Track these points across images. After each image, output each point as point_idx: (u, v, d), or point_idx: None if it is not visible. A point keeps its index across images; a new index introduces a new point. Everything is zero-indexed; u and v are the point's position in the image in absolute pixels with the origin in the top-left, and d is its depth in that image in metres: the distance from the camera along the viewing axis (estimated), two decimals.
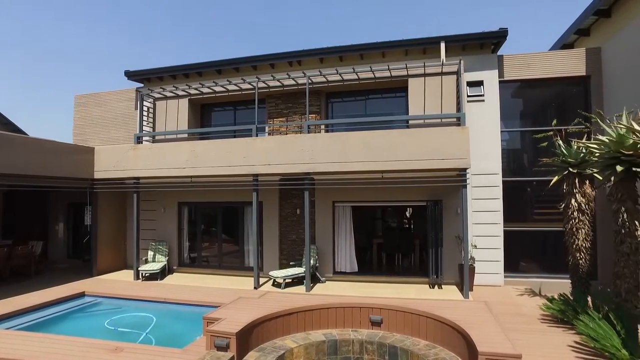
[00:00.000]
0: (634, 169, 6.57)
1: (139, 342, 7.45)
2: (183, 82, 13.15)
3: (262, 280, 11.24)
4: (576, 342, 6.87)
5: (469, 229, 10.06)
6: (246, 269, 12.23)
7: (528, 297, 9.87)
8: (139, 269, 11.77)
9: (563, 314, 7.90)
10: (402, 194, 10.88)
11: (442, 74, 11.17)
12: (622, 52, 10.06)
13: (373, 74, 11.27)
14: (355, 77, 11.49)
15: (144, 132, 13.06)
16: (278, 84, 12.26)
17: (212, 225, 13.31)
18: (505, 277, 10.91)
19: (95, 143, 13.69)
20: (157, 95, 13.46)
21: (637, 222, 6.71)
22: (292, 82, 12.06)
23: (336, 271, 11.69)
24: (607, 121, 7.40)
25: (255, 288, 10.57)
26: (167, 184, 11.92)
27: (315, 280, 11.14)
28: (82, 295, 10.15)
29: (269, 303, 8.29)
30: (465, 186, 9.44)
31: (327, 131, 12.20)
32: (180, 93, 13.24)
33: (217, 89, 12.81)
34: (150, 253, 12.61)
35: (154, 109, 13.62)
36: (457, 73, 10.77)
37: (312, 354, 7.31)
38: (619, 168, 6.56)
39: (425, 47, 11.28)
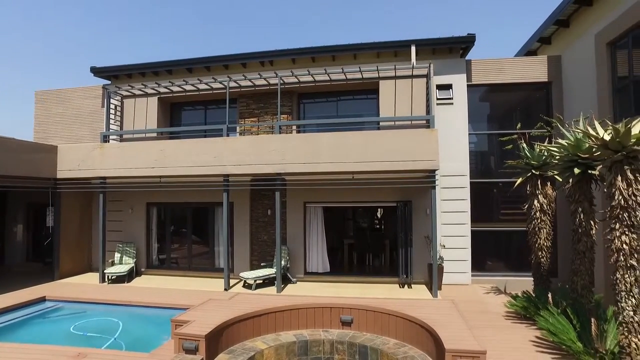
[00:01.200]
0: (589, 171, 6.87)
1: (104, 348, 7.22)
2: (152, 80, 12.84)
3: (232, 281, 11.12)
4: (537, 337, 7.15)
5: (437, 229, 10.26)
6: (216, 270, 12.07)
7: (494, 295, 10.16)
8: (105, 271, 11.42)
9: (526, 310, 8.19)
10: (372, 194, 11.00)
11: (412, 76, 11.37)
12: (579, 60, 10.53)
13: (345, 75, 11.35)
14: (327, 78, 11.55)
15: (111, 130, 12.68)
16: (250, 83, 12.17)
17: (182, 226, 13.08)
18: (472, 276, 11.20)
19: (58, 141, 13.18)
20: (125, 93, 13.11)
21: (592, 222, 7.01)
22: (263, 82, 11.99)
23: (307, 272, 11.70)
24: (566, 126, 7.71)
25: (225, 289, 10.45)
26: (135, 184, 11.62)
27: (286, 281, 11.11)
28: (42, 300, 9.73)
29: (239, 304, 8.19)
30: (434, 187, 9.63)
31: (298, 132, 12.21)
32: (150, 91, 12.94)
33: (188, 87, 12.60)
34: (117, 255, 12.26)
35: (122, 107, 13.26)
36: (427, 76, 10.99)
37: (282, 355, 7.28)
38: (576, 170, 6.83)
39: (396, 50, 11.45)
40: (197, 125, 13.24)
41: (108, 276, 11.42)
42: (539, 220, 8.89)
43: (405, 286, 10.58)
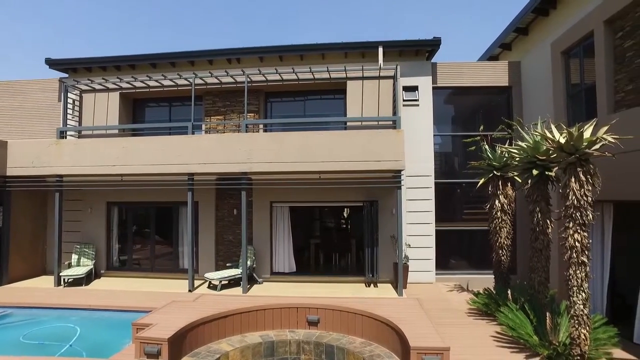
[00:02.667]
0: (546, 172, 7.15)
1: (58, 356, 6.88)
2: (114, 75, 12.37)
3: (197, 282, 10.89)
4: (497, 332, 7.40)
5: (403, 228, 10.41)
6: (181, 271, 11.78)
7: (457, 293, 10.42)
8: (61, 274, 10.89)
9: (487, 307, 8.45)
10: (339, 194, 11.04)
11: (379, 77, 11.50)
12: (536, 67, 10.96)
13: (312, 75, 11.34)
14: (295, 77, 11.50)
15: (68, 126, 12.13)
16: (216, 81, 11.96)
17: (145, 226, 12.68)
18: (436, 274, 11.43)
19: (9, 137, 12.45)
20: (84, 88, 12.56)
21: (548, 221, 7.30)
22: (230, 79, 11.81)
23: (274, 272, 11.61)
24: (526, 129, 8.00)
25: (189, 291, 10.21)
26: (94, 183, 11.16)
27: (252, 281, 10.98)
28: None
29: (204, 306, 8.05)
30: (399, 187, 9.77)
31: (265, 131, 12.09)
32: (111, 86, 12.45)
33: (152, 83, 12.21)
34: (75, 257, 11.73)
35: (81, 101, 12.70)
36: (394, 77, 11.13)
37: (248, 356, 7.20)
38: (534, 172, 7.09)
39: (364, 51, 11.55)
40: (162, 123, 12.87)
41: (64, 279, 10.90)
42: (499, 220, 9.17)
43: (371, 285, 10.68)
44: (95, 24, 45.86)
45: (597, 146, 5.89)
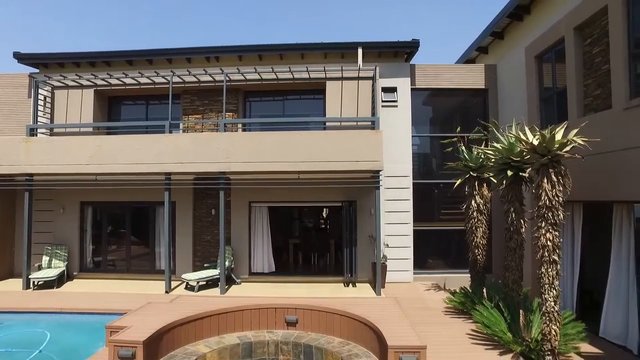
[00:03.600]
0: (520, 173, 7.34)
1: None
2: (88, 71, 12.03)
3: (174, 283, 10.72)
4: (473, 330, 7.54)
5: (381, 228, 10.50)
6: (157, 272, 11.58)
7: (434, 292, 10.56)
8: (30, 276, 10.53)
9: (463, 305, 8.58)
10: (318, 194, 11.05)
11: (358, 78, 11.57)
12: (511, 70, 11.22)
13: (292, 74, 11.32)
14: (274, 77, 11.45)
15: (39, 123, 11.75)
16: (194, 79, 11.80)
17: (120, 227, 12.42)
18: (414, 273, 11.57)
19: None
20: (56, 84, 12.19)
21: (522, 221, 7.51)
22: (209, 78, 11.66)
23: (252, 272, 11.54)
24: (501, 130, 8.19)
25: (166, 292, 10.06)
26: (67, 182, 10.84)
27: (230, 282, 10.89)
28: None
29: (181, 307, 7.95)
30: (378, 187, 9.85)
31: (244, 130, 12.02)
32: (85, 83, 12.11)
33: (128, 81, 11.95)
34: (46, 258, 11.36)
35: (52, 98, 12.32)
36: (373, 78, 11.22)
37: (226, 357, 7.15)
38: (509, 173, 7.27)
39: (343, 51, 11.59)
40: (138, 121, 12.62)
41: (33, 282, 10.54)
42: (475, 220, 9.34)
43: (350, 285, 10.73)
44: (77, 21, 44.66)
45: (567, 148, 6.07)
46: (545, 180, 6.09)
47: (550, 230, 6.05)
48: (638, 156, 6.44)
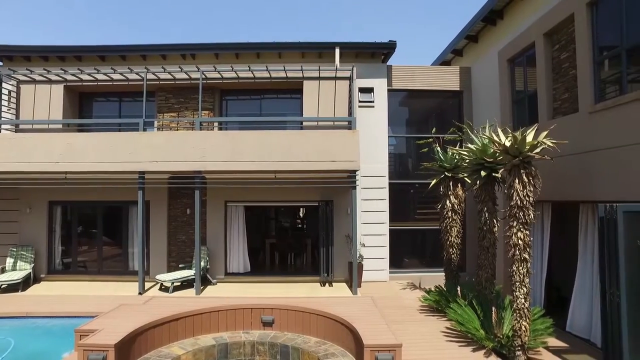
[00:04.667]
0: (493, 174, 7.53)
1: None
2: (57, 66, 11.62)
3: (148, 284, 10.50)
4: (447, 328, 7.68)
5: (357, 228, 10.56)
6: (130, 273, 11.31)
7: (410, 291, 10.71)
8: None
9: (438, 303, 8.72)
10: (295, 194, 11.04)
11: (336, 78, 11.60)
12: (485, 73, 11.49)
13: (269, 73, 11.27)
14: (251, 75, 11.38)
15: (3, 119, 11.28)
16: (169, 76, 11.57)
17: (92, 227, 12.05)
18: (390, 273, 11.69)
19: None
20: (22, 78, 11.71)
21: (495, 220, 7.71)
22: (184, 75, 11.46)
23: (228, 272, 11.43)
24: (475, 132, 8.38)
25: (139, 294, 9.85)
26: (34, 181, 10.44)
27: (205, 282, 10.75)
28: None
29: (155, 309, 7.77)
30: (354, 187, 9.91)
31: (220, 129, 11.89)
32: (54, 78, 11.69)
33: (100, 77, 11.61)
34: (10, 260, 10.90)
35: (18, 93, 11.83)
36: (350, 79, 11.28)
37: (201, 359, 7.04)
38: (482, 173, 7.44)
39: (321, 51, 11.62)
40: (111, 118, 12.29)
41: None
42: (450, 219, 9.52)
43: (327, 284, 10.76)
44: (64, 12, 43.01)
45: (537, 150, 6.27)
46: (517, 181, 6.26)
47: (522, 229, 6.23)
48: (602, 158, 6.71)
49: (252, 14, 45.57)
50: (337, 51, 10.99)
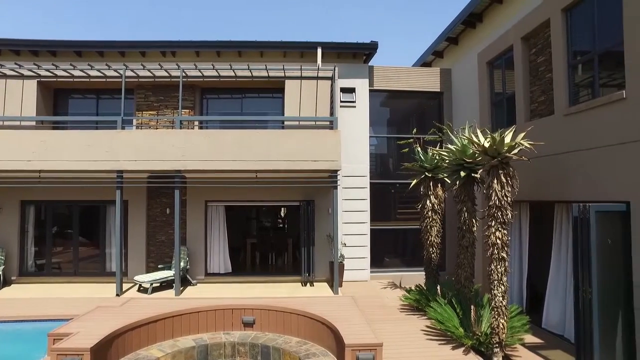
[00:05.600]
0: (472, 174, 7.66)
1: None
2: (30, 61, 11.23)
3: (126, 286, 10.31)
4: (427, 326, 7.77)
5: (339, 227, 10.60)
6: (108, 274, 11.08)
7: (390, 290, 10.80)
8: None
9: (418, 302, 8.82)
10: (276, 194, 11.00)
11: (317, 78, 11.61)
12: (465, 75, 11.70)
13: (250, 72, 11.20)
14: (232, 74, 11.28)
15: None
16: (149, 74, 11.36)
17: (67, 227, 11.72)
18: (371, 272, 11.77)
19: None
20: None
21: (474, 220, 7.85)
22: (164, 73, 11.28)
23: (208, 273, 11.31)
24: (455, 132, 8.50)
25: (117, 295, 9.65)
26: (5, 179, 10.09)
27: (185, 283, 10.61)
28: None
29: (133, 310, 7.64)
30: (336, 187, 9.93)
31: (201, 128, 11.77)
32: (27, 73, 11.33)
33: (76, 73, 11.30)
34: None
35: None
36: (332, 79, 11.30)
37: None
38: (462, 173, 7.57)
39: (302, 50, 11.61)
40: (88, 116, 12.00)
41: None
42: (430, 219, 9.62)
43: (308, 284, 10.75)
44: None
45: (515, 151, 6.41)
46: (495, 181, 6.38)
47: (500, 228, 6.36)
48: (576, 159, 6.90)
49: (235, 13, 45.21)
50: (319, 51, 11.01)
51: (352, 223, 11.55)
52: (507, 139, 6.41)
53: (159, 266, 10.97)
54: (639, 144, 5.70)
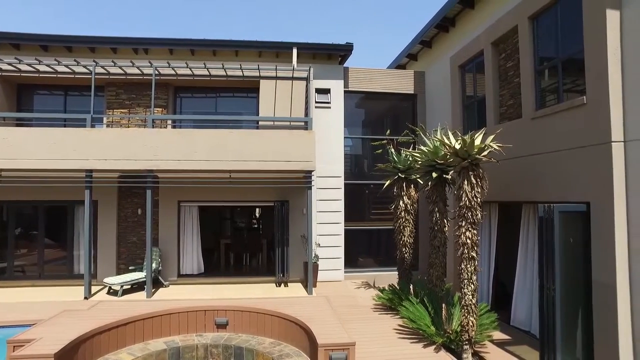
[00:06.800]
0: (444, 175, 7.85)
1: None
2: None
3: (95, 288, 10.02)
4: (400, 325, 7.88)
5: (313, 228, 10.62)
6: (76, 277, 10.73)
7: (364, 290, 10.91)
8: None
9: (391, 302, 8.94)
10: (250, 194, 10.94)
11: (292, 78, 11.60)
12: (438, 78, 11.94)
13: (225, 71, 11.09)
14: (207, 73, 11.15)
15: None
16: (120, 71, 11.08)
17: (32, 228, 11.29)
18: (345, 272, 11.86)
19: None
20: None
21: (445, 220, 8.03)
22: (136, 71, 11.02)
23: (181, 274, 11.14)
24: (427, 134, 8.67)
25: (85, 298, 9.36)
26: None
27: (158, 285, 10.41)
28: None
29: (102, 314, 7.47)
30: (310, 187, 9.95)
31: (174, 127, 11.57)
32: None
33: (42, 68, 10.89)
34: None
35: None
36: (307, 79, 11.32)
37: None
38: (434, 174, 7.74)
39: (278, 50, 11.58)
40: (55, 113, 11.59)
41: None
42: (403, 219, 9.78)
43: (282, 285, 10.74)
44: None
45: (485, 153, 6.59)
46: (466, 182, 6.55)
47: (470, 228, 6.53)
48: (542, 161, 7.16)
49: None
50: (295, 51, 11.01)
51: (327, 223, 11.61)
52: (477, 141, 6.60)
53: (130, 268, 10.73)
54: (597, 147, 5.98)
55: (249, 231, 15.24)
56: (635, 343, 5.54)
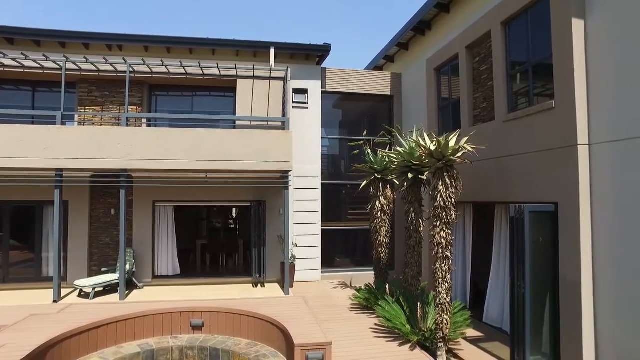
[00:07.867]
0: (420, 176, 7.98)
1: None
2: None
3: (66, 291, 9.72)
4: (376, 324, 7.97)
5: (290, 228, 10.63)
6: (45, 279, 10.32)
7: (341, 290, 10.97)
8: None
9: (367, 301, 9.03)
10: (227, 194, 10.83)
11: (270, 78, 11.56)
12: (414, 79, 12.12)
13: (202, 70, 10.96)
14: (183, 71, 10.99)
15: None
16: (93, 67, 10.77)
17: None
18: (322, 272, 11.90)
19: None
20: None
21: (421, 220, 8.17)
22: (110, 67, 10.74)
23: (156, 275, 10.94)
24: (404, 135, 8.80)
25: (55, 301, 9.05)
26: None
27: (131, 286, 10.19)
28: None
29: (72, 317, 7.26)
30: (287, 188, 9.94)
31: (149, 126, 11.35)
32: None
33: (7, 62, 10.47)
34: None
35: None
36: (285, 79, 11.31)
37: None
38: (409, 175, 7.86)
39: (255, 50, 11.53)
40: (22, 110, 11.15)
41: None
42: (380, 220, 9.90)
43: (259, 285, 10.69)
44: None
45: (459, 154, 6.75)
46: (441, 183, 6.69)
47: (444, 228, 6.67)
48: (513, 163, 7.38)
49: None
50: (272, 51, 10.97)
51: (304, 223, 11.62)
52: (452, 143, 6.74)
53: (103, 269, 10.46)
54: (564, 150, 6.21)
55: (226, 231, 15.09)
56: (597, 337, 5.79)
